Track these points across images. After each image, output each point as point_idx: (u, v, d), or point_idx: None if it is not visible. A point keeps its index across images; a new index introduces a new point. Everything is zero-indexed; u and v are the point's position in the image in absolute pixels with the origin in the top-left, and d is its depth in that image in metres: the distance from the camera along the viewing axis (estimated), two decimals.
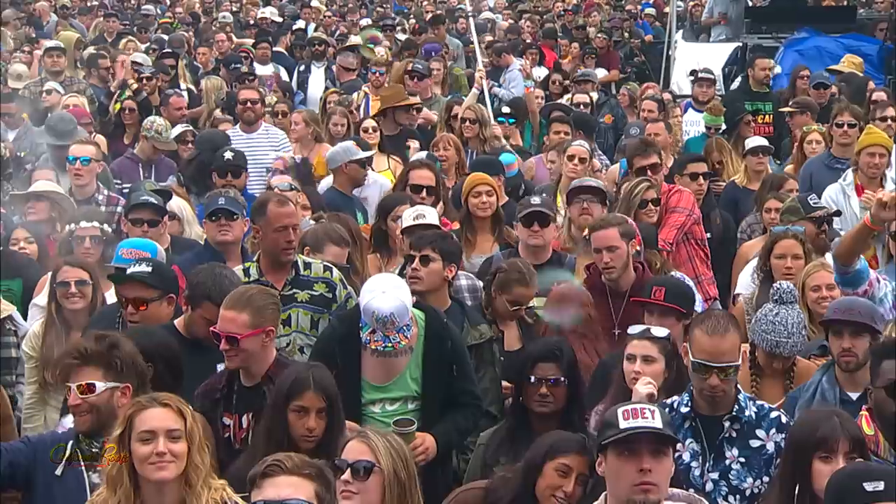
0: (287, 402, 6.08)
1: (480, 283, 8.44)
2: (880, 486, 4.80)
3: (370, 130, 12.53)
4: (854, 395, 6.73)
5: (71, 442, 5.87)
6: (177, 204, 10.07)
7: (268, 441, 5.99)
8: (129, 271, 7.41)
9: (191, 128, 13.09)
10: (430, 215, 8.83)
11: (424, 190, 9.89)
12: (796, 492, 5.33)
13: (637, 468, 4.83)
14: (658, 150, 10.80)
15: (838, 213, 9.51)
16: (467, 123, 12.89)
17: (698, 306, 8.33)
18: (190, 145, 12.57)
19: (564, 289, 8.23)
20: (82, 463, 5.81)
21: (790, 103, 14.35)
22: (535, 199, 9.05)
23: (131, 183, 11.36)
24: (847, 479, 4.93)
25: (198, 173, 11.37)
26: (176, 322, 7.30)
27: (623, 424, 4.88)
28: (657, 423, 4.88)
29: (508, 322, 8.02)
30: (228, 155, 10.78)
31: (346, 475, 5.38)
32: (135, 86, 14.95)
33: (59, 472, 5.80)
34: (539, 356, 6.91)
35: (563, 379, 6.81)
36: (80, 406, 5.82)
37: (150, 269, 7.38)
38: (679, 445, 5.98)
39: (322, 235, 8.54)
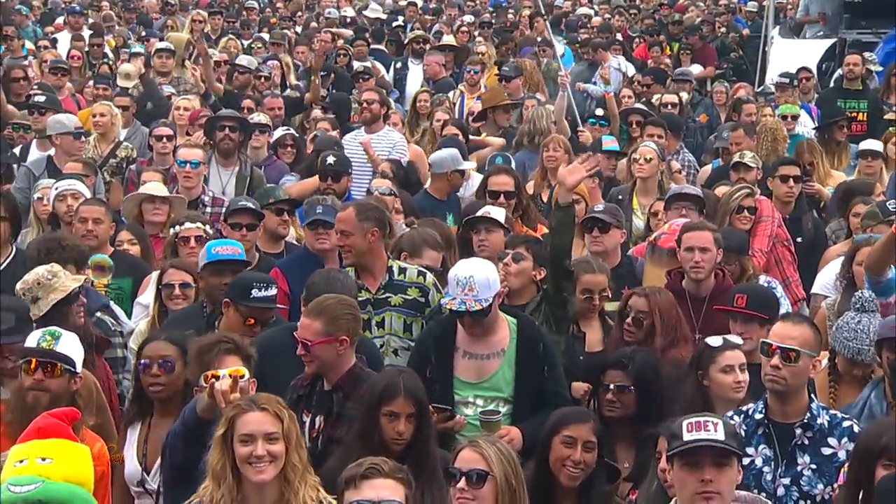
0: (379, 406, 6.34)
1: None
2: None
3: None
4: None
5: None
6: None
7: (362, 443, 6.26)
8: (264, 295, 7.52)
9: (291, 131, 13.13)
10: (497, 213, 8.93)
11: (502, 195, 9.78)
12: (860, 497, 5.49)
13: (699, 479, 5.07)
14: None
15: None
16: None
17: (787, 308, 8.47)
18: (289, 148, 12.60)
19: None
20: None
21: (893, 108, 14.32)
22: (598, 207, 9.24)
23: None
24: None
25: (311, 175, 11.44)
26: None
27: (686, 437, 5.11)
28: (719, 435, 5.10)
29: (591, 322, 8.13)
30: (330, 159, 10.84)
31: (462, 483, 5.62)
32: None
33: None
34: (609, 363, 7.13)
35: (629, 387, 6.99)
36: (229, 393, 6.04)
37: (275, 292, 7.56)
38: (752, 451, 6.24)
39: (419, 240, 8.73)
